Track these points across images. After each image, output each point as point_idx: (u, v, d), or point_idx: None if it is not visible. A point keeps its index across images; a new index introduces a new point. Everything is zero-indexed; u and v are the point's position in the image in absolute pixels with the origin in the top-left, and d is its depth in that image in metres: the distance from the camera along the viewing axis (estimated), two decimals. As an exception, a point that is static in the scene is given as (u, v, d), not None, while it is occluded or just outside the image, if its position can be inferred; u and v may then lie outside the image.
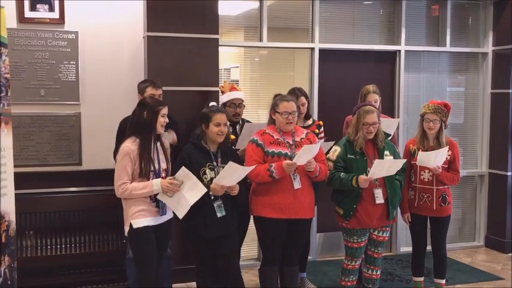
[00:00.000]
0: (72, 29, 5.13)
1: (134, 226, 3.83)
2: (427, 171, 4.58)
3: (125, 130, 4.53)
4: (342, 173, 4.25)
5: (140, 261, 3.91)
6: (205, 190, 3.83)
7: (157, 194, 3.84)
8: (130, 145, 3.82)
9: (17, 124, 4.76)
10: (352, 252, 4.43)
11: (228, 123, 4.35)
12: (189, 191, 3.80)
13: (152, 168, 3.84)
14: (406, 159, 4.48)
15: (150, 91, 4.52)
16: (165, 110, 3.90)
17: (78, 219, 5.02)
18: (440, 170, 4.50)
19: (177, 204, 3.83)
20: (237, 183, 3.98)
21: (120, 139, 4.58)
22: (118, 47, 5.28)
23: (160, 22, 5.10)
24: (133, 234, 3.86)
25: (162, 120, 3.89)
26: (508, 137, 6.41)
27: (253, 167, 4.02)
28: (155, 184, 3.76)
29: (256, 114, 5.82)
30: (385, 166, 4.19)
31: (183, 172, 3.77)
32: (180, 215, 3.86)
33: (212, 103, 4.52)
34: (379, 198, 4.27)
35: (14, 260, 3.60)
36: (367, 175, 4.19)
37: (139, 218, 3.84)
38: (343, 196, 4.33)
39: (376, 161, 4.16)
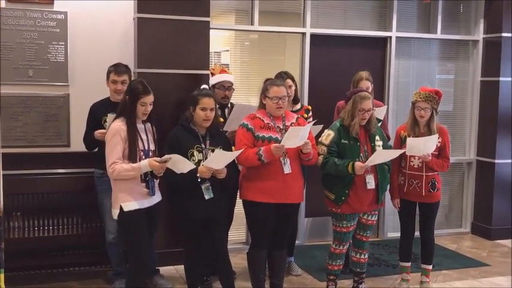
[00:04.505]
0: (61, 9, 5.08)
1: (125, 209, 3.77)
2: (416, 157, 4.59)
3: (95, 115, 4.52)
4: (336, 159, 4.26)
5: (133, 244, 3.86)
6: (194, 166, 3.82)
7: (147, 176, 3.81)
8: (120, 124, 3.78)
9: (4, 104, 4.71)
10: (340, 237, 4.46)
11: (217, 106, 4.33)
12: (180, 163, 3.78)
13: (142, 148, 3.81)
14: (404, 150, 4.49)
15: (112, 77, 4.50)
16: (146, 99, 3.81)
17: (66, 201, 5.01)
18: (430, 158, 4.52)
19: (175, 168, 3.79)
20: (228, 169, 3.98)
21: (90, 124, 4.56)
22: (108, 28, 5.23)
23: (151, 4, 5.05)
24: (125, 218, 3.80)
25: (143, 108, 3.81)
26: (496, 125, 6.45)
27: (241, 150, 4.02)
28: (143, 165, 3.72)
29: (246, 98, 5.80)
30: (384, 155, 4.26)
31: (169, 154, 3.75)
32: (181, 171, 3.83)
33: (204, 86, 4.50)
34: (371, 184, 4.30)
35: (1, 241, 3.59)
36: (359, 160, 4.22)
37: (129, 200, 3.79)
38: (335, 181, 4.34)
39: (378, 150, 4.22)
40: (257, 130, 4.16)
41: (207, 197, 4.02)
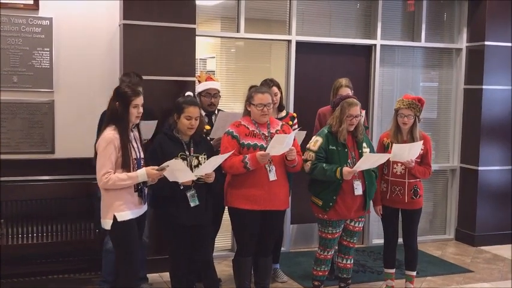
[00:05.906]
0: (46, 15, 5.06)
1: (119, 219, 3.66)
2: (399, 164, 4.63)
3: None
4: (325, 164, 4.28)
5: (127, 255, 3.76)
6: (194, 177, 3.84)
7: (139, 184, 3.73)
8: (113, 132, 3.67)
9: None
10: (325, 243, 4.47)
11: (204, 113, 4.33)
12: (179, 172, 3.77)
13: (135, 156, 3.74)
14: (391, 154, 4.52)
15: None
16: (137, 101, 3.73)
17: (50, 208, 4.97)
18: (414, 164, 4.56)
19: (172, 175, 3.77)
20: (216, 173, 3.99)
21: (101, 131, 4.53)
22: (93, 35, 5.22)
23: (136, 10, 5.06)
24: (119, 228, 3.69)
25: (135, 111, 3.73)
26: (480, 133, 6.51)
27: (231, 152, 4.03)
28: (140, 175, 3.63)
29: (232, 105, 5.81)
30: (371, 160, 4.27)
31: (169, 161, 3.73)
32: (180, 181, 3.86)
33: (188, 93, 4.49)
34: (358, 190, 4.33)
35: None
36: (347, 166, 4.25)
37: (124, 210, 3.68)
38: (322, 187, 4.36)
39: (366, 155, 4.25)
40: (242, 138, 4.17)
41: (192, 204, 4.01)
